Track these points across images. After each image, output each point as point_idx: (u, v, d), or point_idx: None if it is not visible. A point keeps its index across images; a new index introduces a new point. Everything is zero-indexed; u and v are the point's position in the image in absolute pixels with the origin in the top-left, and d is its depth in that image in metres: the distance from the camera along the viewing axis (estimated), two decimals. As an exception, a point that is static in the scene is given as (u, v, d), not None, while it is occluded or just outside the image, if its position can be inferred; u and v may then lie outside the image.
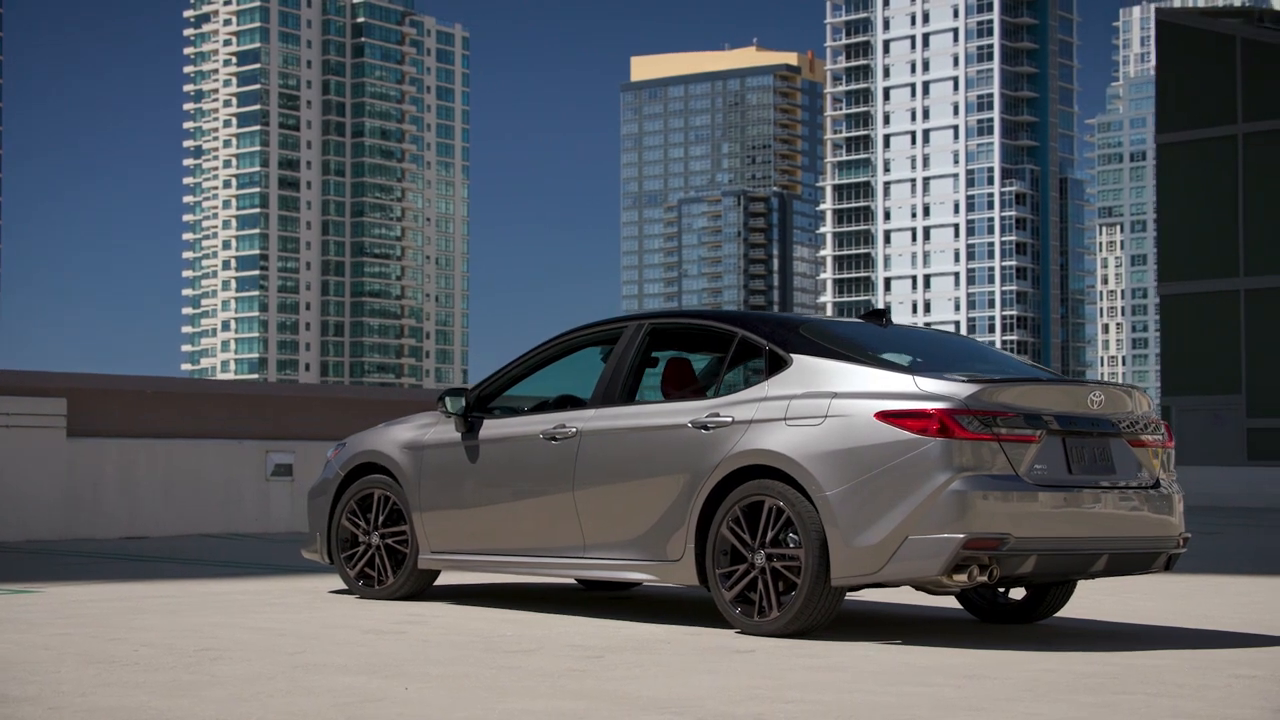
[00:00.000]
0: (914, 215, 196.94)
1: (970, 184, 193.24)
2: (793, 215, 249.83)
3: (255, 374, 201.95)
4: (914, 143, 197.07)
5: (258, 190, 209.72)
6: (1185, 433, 37.35)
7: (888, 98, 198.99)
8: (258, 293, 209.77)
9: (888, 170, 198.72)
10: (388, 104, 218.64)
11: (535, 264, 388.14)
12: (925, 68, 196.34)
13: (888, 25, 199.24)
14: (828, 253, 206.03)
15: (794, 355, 8.15)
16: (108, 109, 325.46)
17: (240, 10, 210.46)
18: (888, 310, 8.93)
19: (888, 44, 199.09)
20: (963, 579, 7.48)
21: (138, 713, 5.38)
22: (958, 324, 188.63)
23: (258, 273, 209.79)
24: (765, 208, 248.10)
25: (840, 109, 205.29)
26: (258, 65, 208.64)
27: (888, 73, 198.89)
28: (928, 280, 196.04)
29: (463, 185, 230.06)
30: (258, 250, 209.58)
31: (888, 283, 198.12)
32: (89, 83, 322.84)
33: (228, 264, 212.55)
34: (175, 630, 7.88)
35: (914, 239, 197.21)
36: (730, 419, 8.11)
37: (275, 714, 5.41)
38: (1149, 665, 6.97)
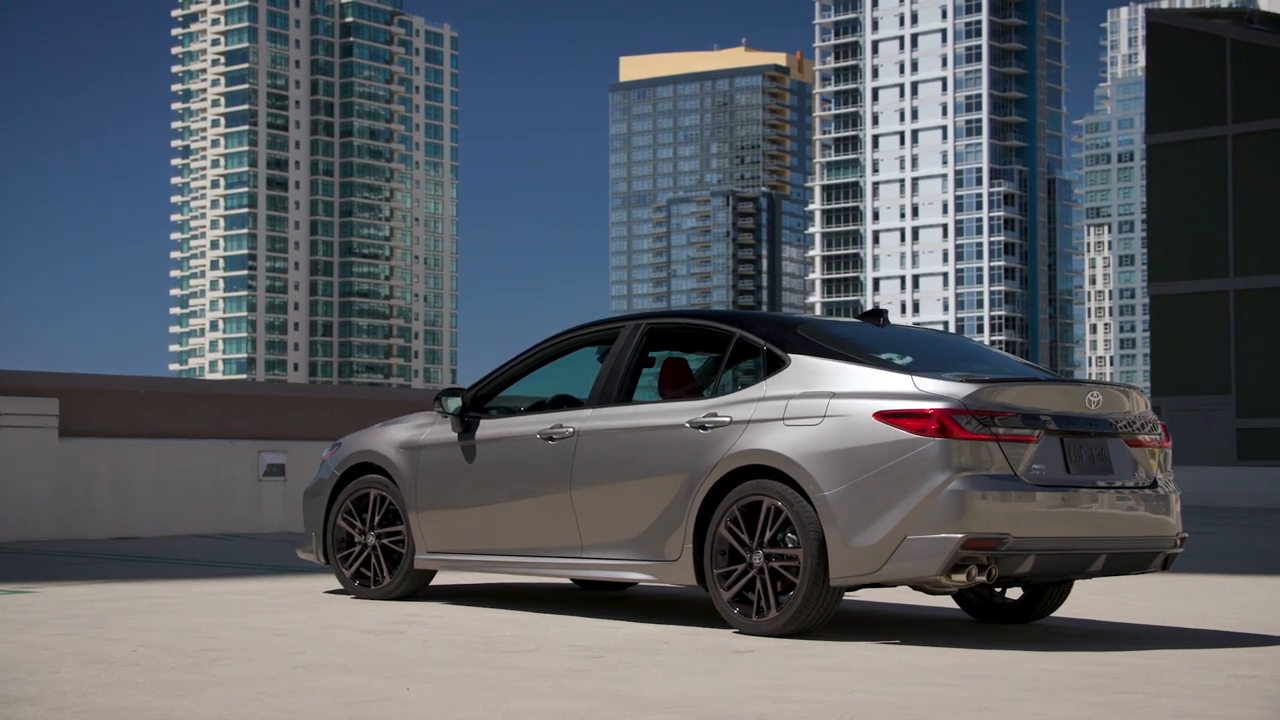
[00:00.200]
0: (902, 215, 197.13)
1: (959, 184, 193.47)
2: (781, 215, 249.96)
3: (243, 374, 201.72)
4: (902, 143, 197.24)
5: (246, 190, 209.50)
6: (1175, 433, 37.37)
7: (876, 98, 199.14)
8: (246, 293, 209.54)
9: (876, 171, 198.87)
10: (376, 104, 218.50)
11: (524, 264, 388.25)
12: (914, 68, 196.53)
13: (876, 26, 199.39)
14: (816, 253, 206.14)
15: (792, 355, 8.15)
16: (95, 109, 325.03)
17: (228, 10, 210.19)
18: (885, 310, 8.92)
19: (876, 44, 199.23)
20: (961, 579, 7.48)
21: (140, 713, 5.37)
22: (946, 324, 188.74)
23: (246, 273, 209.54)
24: (754, 208, 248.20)
25: (829, 109, 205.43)
26: (246, 65, 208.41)
27: (876, 73, 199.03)
28: (916, 280, 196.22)
29: (451, 185, 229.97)
30: (246, 250, 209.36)
31: (876, 283, 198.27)
32: (76, 83, 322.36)
33: (216, 264, 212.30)
34: (173, 630, 7.87)
35: (902, 239, 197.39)
36: (728, 419, 8.10)
37: (279, 714, 5.40)
38: (1149, 665, 6.98)
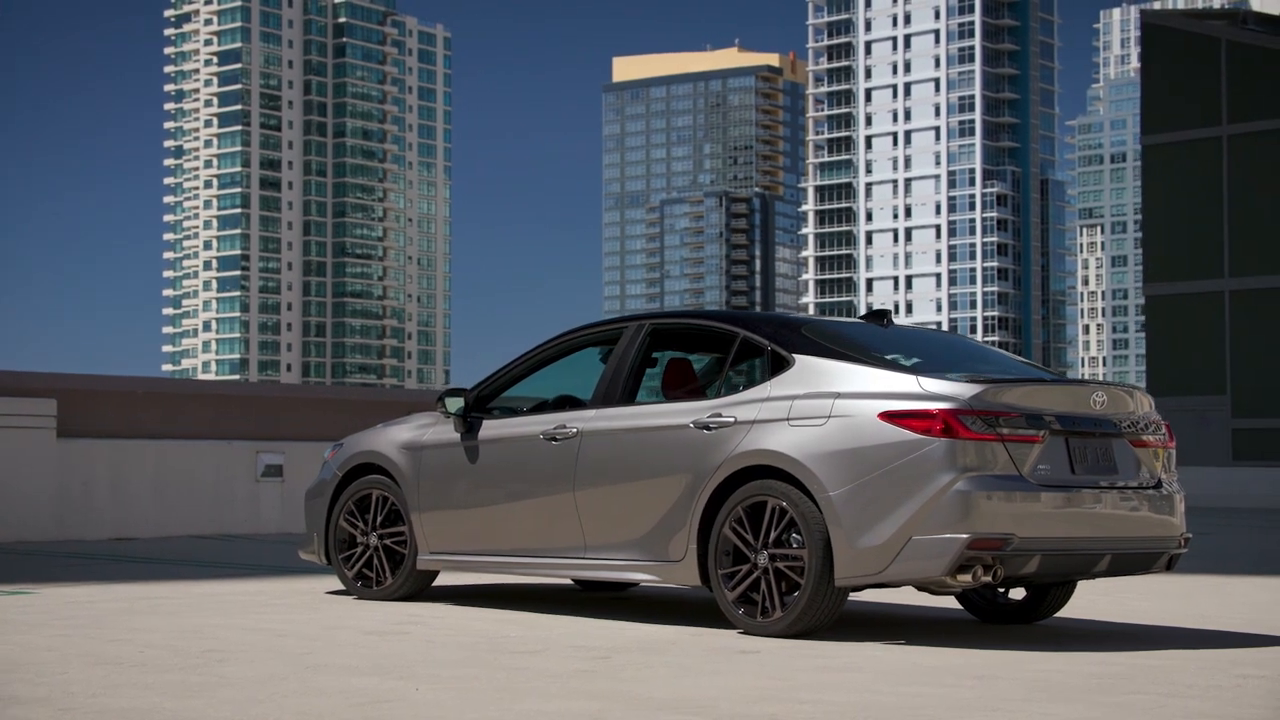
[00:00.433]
0: (896, 216, 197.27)
1: (952, 185, 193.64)
2: (775, 216, 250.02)
3: (236, 375, 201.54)
4: (896, 144, 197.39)
5: (239, 190, 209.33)
6: (1171, 433, 37.37)
7: (869, 99, 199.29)
8: (239, 293, 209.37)
9: (869, 171, 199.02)
10: (369, 104, 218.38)
11: (517, 264, 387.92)
12: (907, 69, 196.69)
13: (869, 27, 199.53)
14: (810, 254, 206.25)
15: (796, 355, 8.14)
16: (88, 109, 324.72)
17: (221, 10, 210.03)
18: (889, 311, 8.92)
19: (869, 45, 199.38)
20: (967, 579, 7.48)
21: (151, 714, 5.36)
22: (939, 325, 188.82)
23: (239, 273, 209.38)
24: (747, 208, 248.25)
25: (822, 110, 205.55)
26: (239, 65, 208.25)
27: (869, 74, 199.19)
28: (909, 281, 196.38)
29: (444, 185, 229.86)
30: (239, 250, 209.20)
31: (869, 284, 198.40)
32: (69, 83, 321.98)
33: (209, 264, 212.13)
34: (177, 631, 7.86)
35: (896, 240, 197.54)
36: (732, 419, 8.09)
37: (291, 715, 5.39)
38: (1155, 665, 6.98)
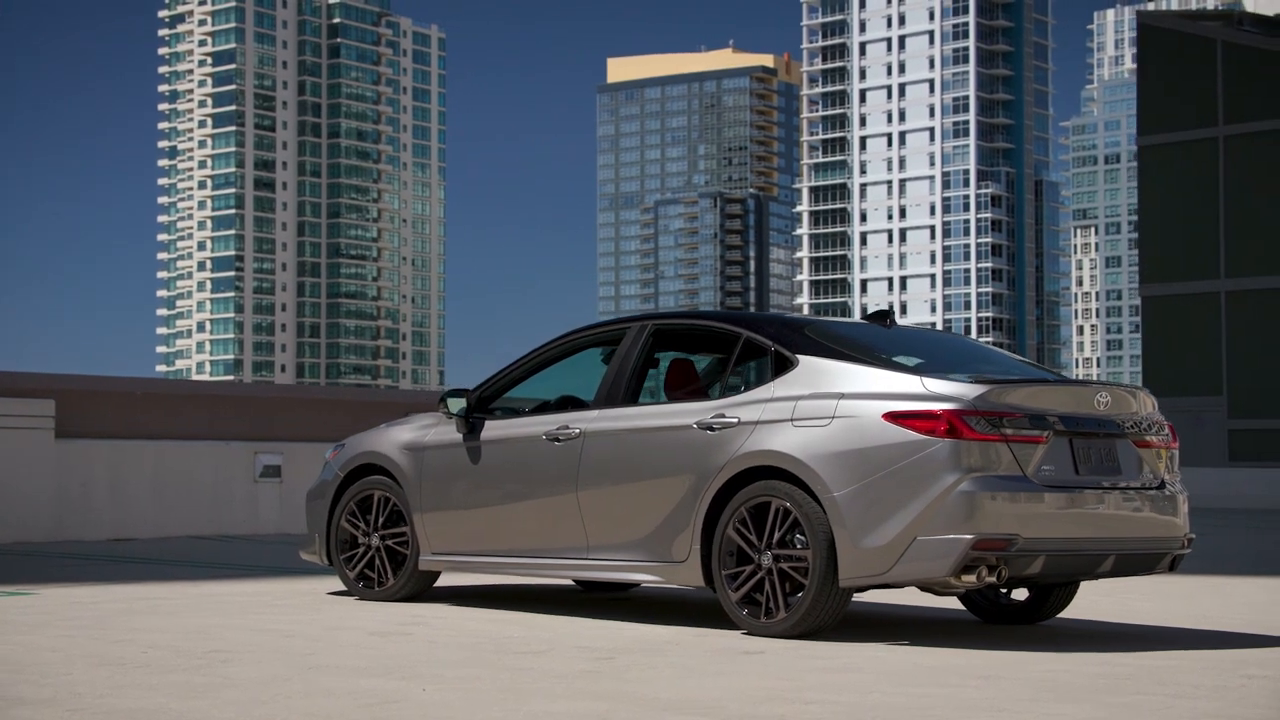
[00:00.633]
0: (890, 217, 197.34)
1: (946, 186, 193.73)
2: (769, 217, 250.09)
3: (230, 375, 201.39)
4: (890, 145, 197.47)
5: (233, 191, 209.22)
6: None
7: (864, 100, 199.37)
8: (233, 294, 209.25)
9: (864, 172, 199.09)
10: (364, 105, 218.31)
11: (512, 265, 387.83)
12: (901, 70, 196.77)
13: (864, 28, 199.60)
14: (804, 254, 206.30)
15: (799, 356, 8.14)
16: (82, 110, 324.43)
17: (215, 10, 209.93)
18: (892, 311, 8.92)
19: (864, 46, 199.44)
20: (971, 580, 7.47)
21: (158, 715, 5.35)
22: (933, 325, 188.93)
23: (233, 274, 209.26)
24: (742, 209, 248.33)
25: (816, 111, 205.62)
26: (233, 66, 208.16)
27: (864, 75, 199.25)
28: (904, 282, 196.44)
29: (439, 186, 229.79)
30: (233, 251, 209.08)
31: (864, 284, 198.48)
32: (63, 83, 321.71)
33: (203, 265, 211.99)
34: (180, 632, 7.84)
35: (890, 241, 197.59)
36: (736, 420, 8.09)
37: (297, 715, 5.38)
38: (1160, 666, 6.98)
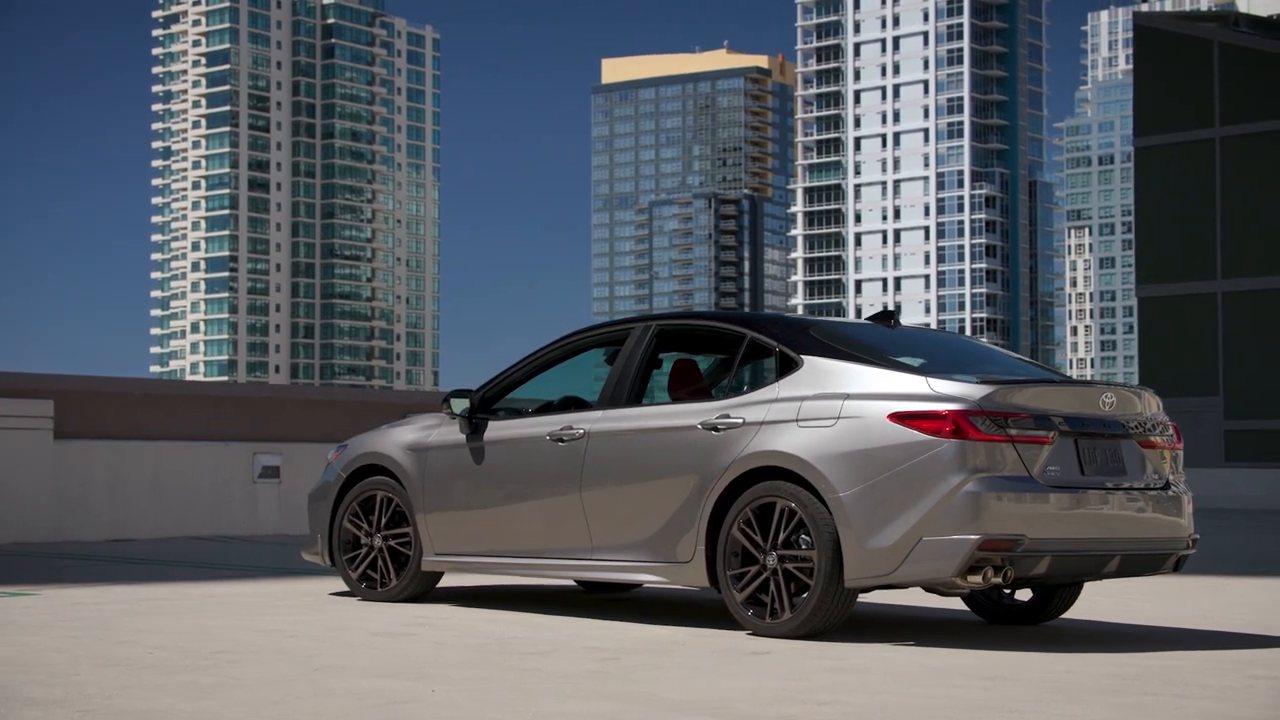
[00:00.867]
0: (884, 218, 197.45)
1: (940, 187, 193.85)
2: (763, 218, 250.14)
3: (224, 376, 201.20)
4: (884, 146, 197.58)
5: (227, 191, 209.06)
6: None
7: (858, 101, 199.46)
8: (227, 294, 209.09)
9: (858, 173, 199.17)
10: (358, 105, 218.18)
11: (506, 266, 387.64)
12: (895, 71, 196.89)
13: (858, 29, 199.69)
14: (798, 255, 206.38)
15: (804, 357, 8.13)
16: (76, 110, 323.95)
17: (209, 11, 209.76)
18: (896, 312, 8.92)
19: (858, 47, 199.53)
20: (977, 580, 7.47)
21: (168, 715, 5.35)
22: (927, 326, 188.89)
23: (227, 274, 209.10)
24: (736, 210, 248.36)
25: (811, 112, 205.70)
26: (227, 66, 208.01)
27: (858, 76, 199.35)
28: (898, 283, 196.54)
29: (433, 187, 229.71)
30: (227, 252, 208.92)
31: (858, 285, 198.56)
32: (56, 84, 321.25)
33: (197, 265, 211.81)
34: (184, 632, 7.83)
35: (884, 241, 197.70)
36: (741, 420, 8.08)
37: (307, 716, 5.38)
38: (1165, 666, 6.98)
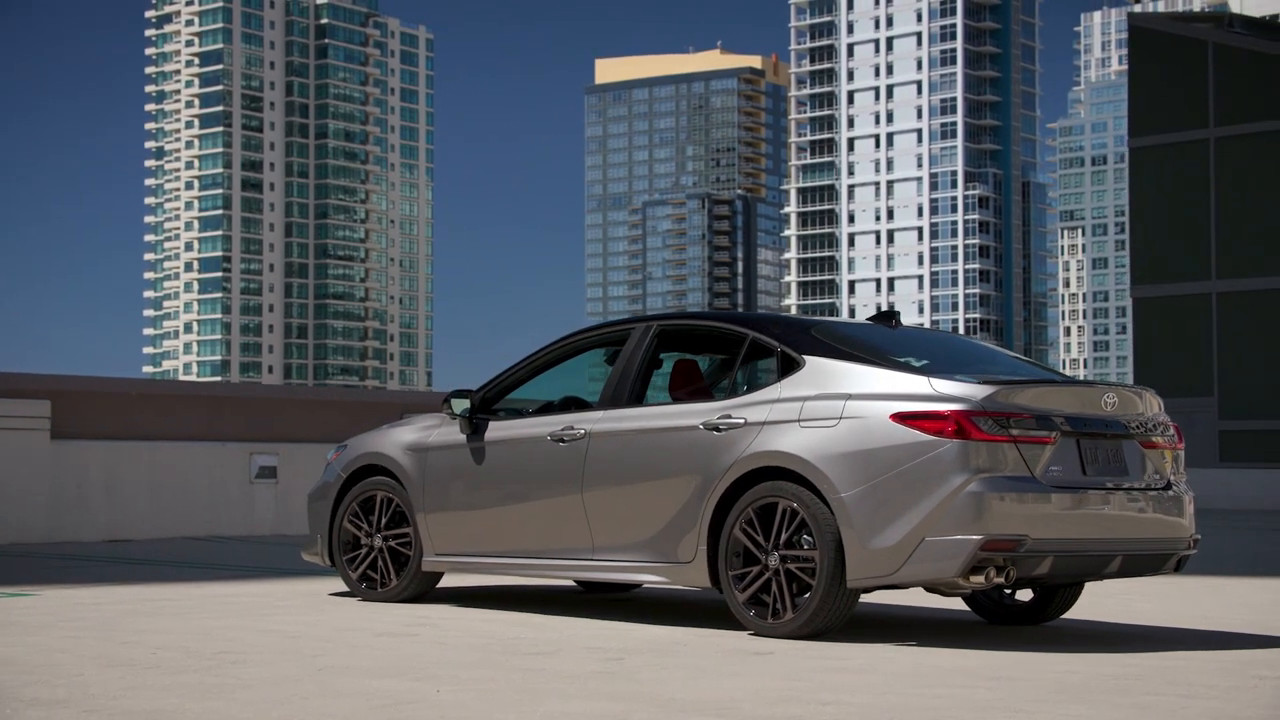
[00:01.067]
0: (878, 218, 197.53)
1: (934, 187, 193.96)
2: (757, 218, 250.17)
3: (218, 376, 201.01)
4: (878, 146, 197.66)
5: (220, 191, 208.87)
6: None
7: (851, 101, 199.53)
8: (220, 294, 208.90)
9: (851, 173, 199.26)
10: (351, 105, 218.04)
11: (499, 266, 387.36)
12: (889, 71, 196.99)
13: (851, 29, 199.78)
14: (792, 255, 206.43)
15: (806, 357, 8.13)
16: (69, 110, 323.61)
17: (202, 11, 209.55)
18: (898, 312, 8.92)
19: (851, 48, 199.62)
20: (980, 580, 7.47)
21: (175, 715, 5.34)
22: (921, 327, 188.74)
23: (220, 274, 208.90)
24: (729, 210, 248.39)
25: (804, 112, 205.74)
26: (220, 66, 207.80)
27: (851, 76, 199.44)
28: (891, 283, 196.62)
29: (427, 187, 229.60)
30: (220, 252, 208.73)
31: (852, 285, 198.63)
32: (49, 84, 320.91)
33: (190, 265, 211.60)
34: (186, 633, 7.83)
35: (878, 242, 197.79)
36: (743, 420, 8.08)
37: (314, 716, 5.37)
38: (1169, 666, 6.98)
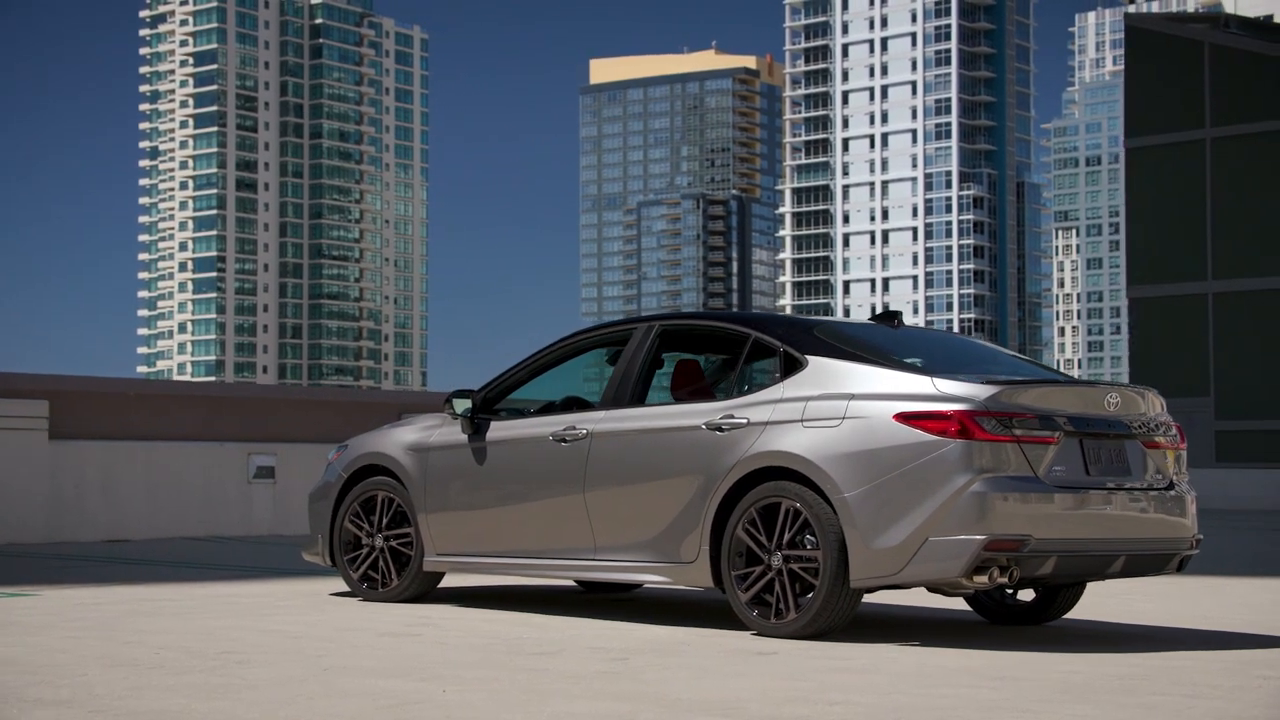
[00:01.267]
0: (873, 219, 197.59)
1: (928, 188, 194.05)
2: (751, 218, 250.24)
3: (212, 376, 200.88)
4: (872, 146, 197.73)
5: (215, 192, 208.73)
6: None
7: (846, 101, 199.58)
8: (215, 294, 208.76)
9: (846, 174, 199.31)
10: (346, 105, 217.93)
11: (494, 266, 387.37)
12: (884, 72, 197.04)
13: (846, 29, 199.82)
14: (786, 255, 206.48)
15: (809, 357, 8.13)
16: (63, 110, 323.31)
17: (197, 11, 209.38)
18: (899, 312, 8.91)
19: (846, 48, 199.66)
20: (983, 580, 7.47)
21: (181, 715, 5.33)
22: (922, 327, 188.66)
23: (215, 274, 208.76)
24: (724, 210, 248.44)
25: (799, 112, 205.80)
26: (215, 66, 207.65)
27: (846, 76, 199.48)
28: (886, 283, 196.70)
29: (421, 187, 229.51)
30: (215, 252, 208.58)
31: (846, 286, 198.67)
32: (43, 84, 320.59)
33: (184, 265, 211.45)
34: (188, 633, 7.81)
35: (873, 242, 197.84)
36: (745, 420, 8.08)
37: (320, 716, 5.36)
38: (1173, 666, 6.98)
